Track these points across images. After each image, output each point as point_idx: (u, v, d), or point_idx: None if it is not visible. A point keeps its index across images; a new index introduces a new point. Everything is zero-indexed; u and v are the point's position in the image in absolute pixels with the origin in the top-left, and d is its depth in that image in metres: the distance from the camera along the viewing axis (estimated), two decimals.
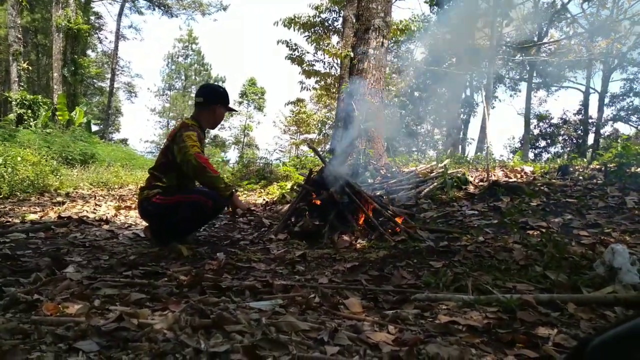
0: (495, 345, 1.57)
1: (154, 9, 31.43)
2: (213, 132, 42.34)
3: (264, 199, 6.97)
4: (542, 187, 5.50)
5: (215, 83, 38.09)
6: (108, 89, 31.90)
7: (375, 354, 1.44)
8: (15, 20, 18.52)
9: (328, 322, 1.72)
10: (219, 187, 3.43)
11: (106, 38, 33.76)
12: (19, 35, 18.77)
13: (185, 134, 3.47)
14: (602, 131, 27.88)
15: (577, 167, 7.51)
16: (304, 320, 1.71)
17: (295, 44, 16.03)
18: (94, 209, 5.93)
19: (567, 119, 31.45)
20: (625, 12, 21.75)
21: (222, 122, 4.08)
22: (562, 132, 31.24)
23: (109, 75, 32.14)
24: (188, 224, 3.64)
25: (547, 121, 31.90)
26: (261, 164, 10.82)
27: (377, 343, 1.52)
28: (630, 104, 28.42)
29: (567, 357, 0.75)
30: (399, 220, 3.94)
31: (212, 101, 3.76)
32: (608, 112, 28.73)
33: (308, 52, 16.65)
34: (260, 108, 41.42)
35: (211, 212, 3.67)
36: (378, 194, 5.22)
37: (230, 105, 3.95)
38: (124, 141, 29.66)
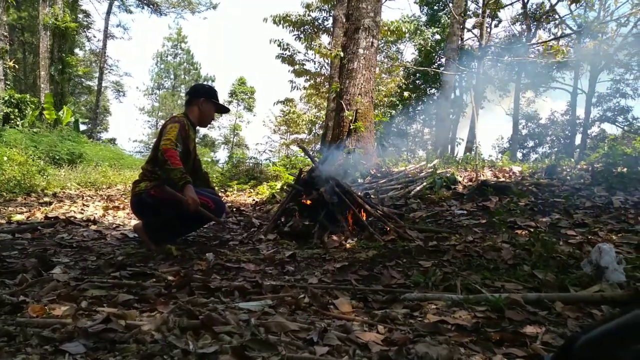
0: (483, 344, 1.58)
1: (143, 7, 31.18)
2: (202, 131, 42.16)
3: (253, 199, 6.95)
4: (530, 187, 5.54)
5: (205, 82, 37.85)
6: (96, 87, 31.62)
7: (364, 354, 1.44)
8: (1, 17, 18.27)
9: (317, 322, 1.72)
10: (174, 179, 3.33)
11: (94, 36, 33.37)
12: (5, 33, 18.52)
13: (169, 126, 3.50)
14: (589, 132, 28.21)
15: (564, 167, 7.59)
16: (293, 320, 1.70)
17: (287, 44, 16.02)
18: (82, 210, 5.87)
19: (555, 119, 31.82)
20: (612, 14, 22.00)
21: (213, 121, 3.96)
22: (549, 133, 31.59)
23: (97, 74, 31.89)
24: (186, 223, 3.63)
25: (535, 121, 32.22)
26: (251, 164, 10.78)
27: (367, 343, 1.52)
28: (617, 104, 28.80)
29: (555, 355, 0.75)
30: (388, 220, 3.95)
31: (196, 96, 3.77)
32: (595, 112, 29.11)
33: (299, 52, 16.65)
34: (249, 108, 41.30)
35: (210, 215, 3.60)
36: (367, 193, 5.23)
37: (221, 103, 3.93)
38: (112, 141, 29.43)
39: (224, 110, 4.04)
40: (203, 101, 3.76)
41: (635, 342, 0.62)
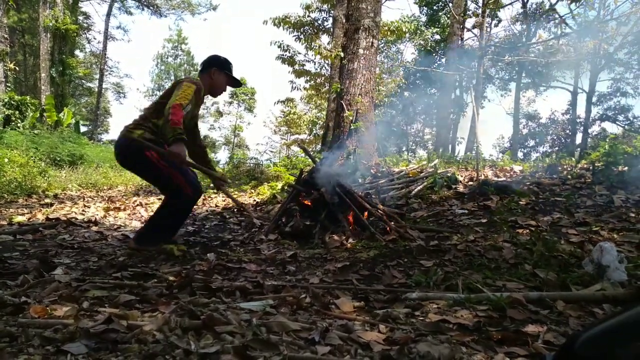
0: (485, 343, 1.58)
1: (143, 9, 31.23)
2: (203, 131, 42.14)
3: (254, 200, 6.95)
4: (531, 186, 5.54)
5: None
6: (97, 89, 31.65)
7: (366, 353, 1.44)
8: (2, 20, 18.28)
9: (319, 322, 1.72)
10: (166, 136, 3.25)
11: (94, 38, 33.43)
12: (6, 35, 18.52)
13: (185, 84, 3.40)
14: (589, 130, 28.17)
15: (565, 166, 7.58)
16: (295, 320, 1.70)
17: (287, 45, 16.02)
18: (83, 211, 5.88)
19: (556, 118, 31.79)
20: (612, 12, 21.99)
21: (224, 93, 3.87)
22: (550, 132, 31.57)
23: (97, 76, 31.91)
24: (176, 216, 3.54)
25: (536, 121, 32.20)
26: (252, 165, 10.79)
27: (368, 342, 1.52)
28: (617, 103, 28.77)
29: (556, 354, 0.75)
30: (389, 220, 3.95)
31: (209, 65, 3.74)
32: (595, 111, 29.07)
33: (299, 53, 16.65)
34: (250, 109, 41.30)
35: (189, 202, 3.52)
36: (368, 193, 5.23)
37: (234, 76, 3.84)
38: (112, 142, 29.42)
39: (235, 83, 3.92)
40: (215, 71, 3.71)
41: (636, 340, 0.62)
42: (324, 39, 16.93)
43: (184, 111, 3.30)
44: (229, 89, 4.02)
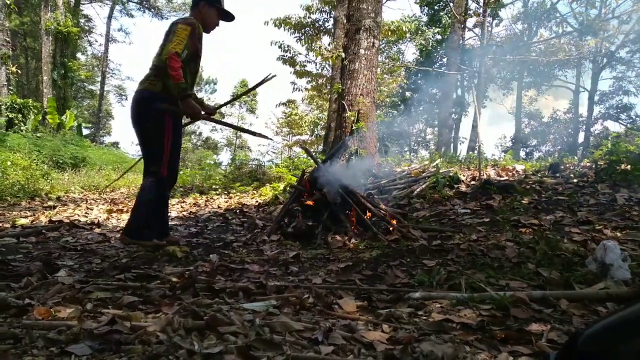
0: (489, 342, 1.58)
1: (144, 11, 31.33)
2: (205, 132, 42.21)
3: (256, 201, 6.96)
4: (534, 185, 5.53)
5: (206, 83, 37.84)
6: (98, 92, 31.73)
7: (369, 353, 1.44)
8: (4, 23, 18.32)
9: (322, 322, 1.72)
10: (174, 94, 3.34)
11: (96, 41, 33.57)
12: (8, 39, 18.55)
13: (180, 25, 3.35)
14: (592, 129, 28.15)
15: (567, 165, 7.57)
16: (298, 320, 1.70)
17: (288, 46, 16.03)
18: (86, 213, 5.89)
19: (558, 117, 31.74)
20: (613, 11, 21.97)
21: (217, 27, 3.76)
22: (552, 131, 31.52)
23: (99, 79, 31.97)
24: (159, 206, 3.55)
25: (538, 120, 32.15)
26: (254, 166, 10.79)
27: (372, 342, 1.52)
28: (620, 102, 28.71)
29: (560, 351, 0.75)
30: (392, 220, 3.95)
31: (196, 1, 3.64)
32: (597, 110, 29.03)
33: (300, 54, 16.65)
34: (252, 110, 41.34)
35: (163, 184, 3.51)
36: (371, 193, 5.23)
37: (224, 8, 3.75)
38: (115, 144, 29.44)
39: (227, 16, 3.78)
40: (204, 5, 3.61)
41: (638, 336, 0.62)
42: (325, 39, 16.94)
43: (181, 57, 3.28)
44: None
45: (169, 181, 3.54)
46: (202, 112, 3.60)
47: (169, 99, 3.41)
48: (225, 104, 4.05)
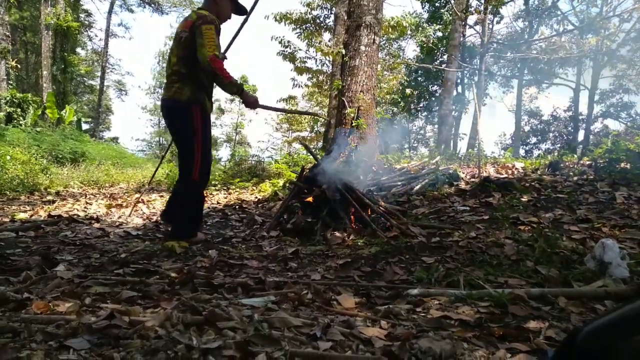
0: (487, 339, 1.58)
1: (145, 6, 31.23)
2: None
3: (256, 197, 6.95)
4: (533, 183, 5.53)
5: None
6: (98, 87, 31.70)
7: (368, 349, 1.44)
8: (3, 17, 18.28)
9: (321, 317, 1.72)
10: (231, 93, 3.54)
11: (96, 36, 33.46)
12: (7, 33, 18.52)
13: (205, 27, 3.34)
14: (592, 127, 28.10)
15: (567, 163, 7.57)
16: (296, 316, 1.71)
17: (289, 41, 15.98)
18: (85, 208, 5.89)
19: (558, 115, 31.72)
20: (614, 9, 21.93)
21: (229, 20, 3.84)
22: (552, 129, 31.50)
23: (99, 73, 31.93)
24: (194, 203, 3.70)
25: (538, 118, 32.13)
26: (253, 162, 10.80)
27: (370, 338, 1.52)
28: (620, 100, 28.67)
29: (558, 348, 0.75)
30: (391, 216, 3.95)
31: None
32: (598, 108, 28.97)
33: (300, 49, 16.61)
34: None
35: (196, 188, 3.65)
36: (370, 190, 5.23)
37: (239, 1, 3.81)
38: (114, 139, 29.37)
39: (241, 9, 3.86)
40: None
41: (638, 333, 0.62)
42: (326, 36, 16.89)
43: (220, 57, 3.39)
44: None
45: (201, 183, 3.65)
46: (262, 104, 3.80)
47: (197, 104, 3.50)
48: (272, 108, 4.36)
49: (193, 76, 3.46)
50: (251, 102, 3.62)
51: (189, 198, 3.62)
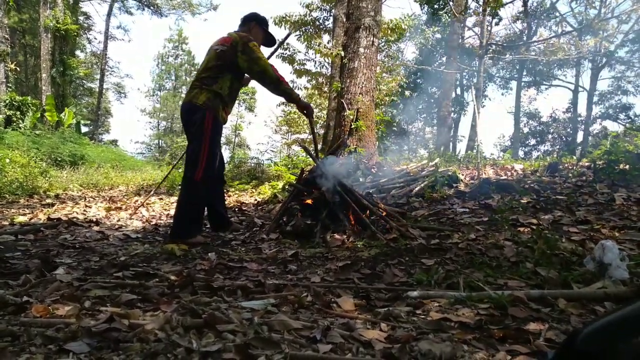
0: (487, 341, 1.58)
1: (144, 9, 31.23)
2: None
3: (255, 199, 6.95)
4: (532, 185, 5.53)
5: None
6: (97, 89, 31.67)
7: (367, 351, 1.44)
8: (2, 20, 18.28)
9: (320, 320, 1.72)
10: (293, 98, 3.84)
11: (95, 38, 33.47)
12: (6, 36, 18.52)
13: (251, 43, 3.68)
14: (590, 129, 28.15)
15: (566, 165, 7.57)
16: (296, 319, 1.70)
17: (287, 43, 15.99)
18: (84, 211, 5.88)
19: (557, 117, 31.75)
20: (612, 11, 21.98)
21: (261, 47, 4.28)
22: (551, 130, 31.53)
23: (98, 76, 31.92)
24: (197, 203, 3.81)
25: (537, 119, 32.16)
26: (252, 164, 10.79)
27: (370, 340, 1.52)
28: (618, 102, 28.72)
29: (558, 349, 0.76)
30: (390, 218, 3.95)
31: (249, 20, 3.99)
32: (597, 110, 29.03)
33: (299, 52, 16.63)
34: (251, 108, 41.28)
35: (196, 189, 3.73)
36: (369, 192, 5.23)
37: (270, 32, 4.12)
38: (114, 142, 29.39)
39: (270, 40, 4.16)
40: (255, 25, 3.98)
41: (638, 334, 0.62)
42: (325, 38, 16.90)
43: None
44: None
45: (203, 185, 3.74)
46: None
47: (211, 110, 3.69)
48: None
49: (211, 85, 3.72)
50: (309, 107, 3.95)
51: (190, 199, 3.71)
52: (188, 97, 3.77)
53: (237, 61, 3.68)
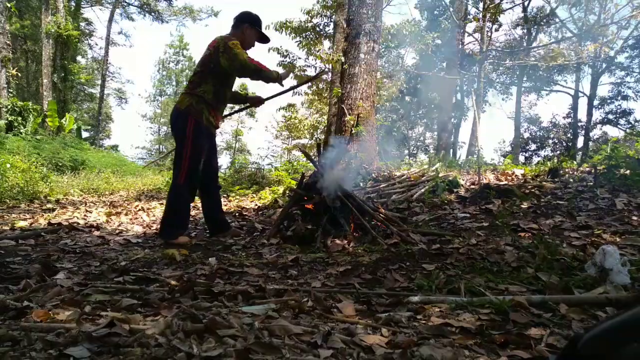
0: (488, 346, 1.58)
1: (145, 15, 31.33)
2: None
3: (256, 204, 6.95)
4: (533, 190, 5.53)
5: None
6: (98, 95, 31.73)
7: (368, 357, 1.43)
8: (4, 26, 18.36)
9: (321, 325, 1.72)
10: (275, 79, 3.86)
11: (96, 44, 33.61)
12: (8, 42, 18.57)
13: (230, 42, 3.71)
14: (591, 134, 28.16)
15: (567, 170, 7.57)
16: (297, 324, 1.70)
17: (287, 50, 16.04)
18: (85, 216, 5.88)
19: (557, 122, 31.76)
20: (612, 16, 22.04)
21: (252, 48, 4.27)
22: (552, 136, 31.53)
23: (99, 82, 31.98)
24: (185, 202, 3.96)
25: (537, 125, 32.18)
26: (253, 169, 10.80)
27: (371, 346, 1.52)
28: (619, 107, 28.73)
29: (560, 354, 0.75)
30: (391, 223, 3.95)
31: (242, 21, 4.00)
32: (597, 115, 29.02)
33: (299, 58, 16.67)
34: (251, 113, 41.33)
35: (179, 192, 3.88)
36: (370, 197, 5.23)
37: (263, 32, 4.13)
38: (114, 147, 29.41)
39: (264, 39, 4.15)
40: (247, 27, 3.98)
41: (639, 339, 0.62)
42: (326, 44, 16.95)
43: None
44: None
45: (186, 189, 3.87)
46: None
47: (193, 115, 3.78)
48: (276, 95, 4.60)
49: (195, 89, 3.81)
50: (284, 78, 3.98)
51: (173, 201, 3.88)
52: (177, 102, 3.91)
53: (220, 62, 3.73)
